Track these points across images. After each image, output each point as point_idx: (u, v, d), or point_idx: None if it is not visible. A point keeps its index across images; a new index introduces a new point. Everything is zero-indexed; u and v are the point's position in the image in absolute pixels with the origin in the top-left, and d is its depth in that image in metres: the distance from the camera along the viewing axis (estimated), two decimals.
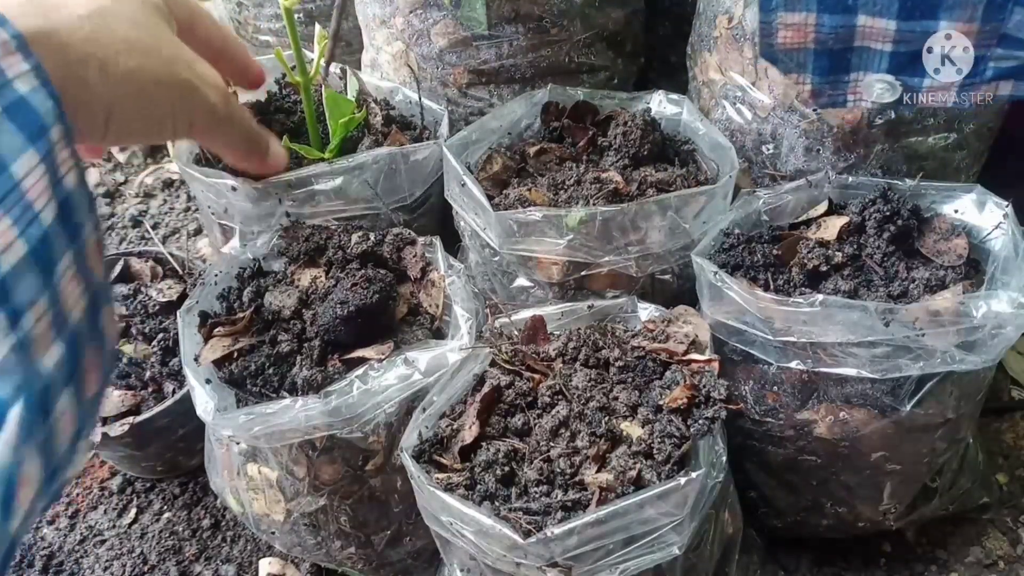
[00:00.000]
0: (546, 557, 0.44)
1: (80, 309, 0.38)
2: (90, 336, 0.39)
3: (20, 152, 0.34)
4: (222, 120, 0.54)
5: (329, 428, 0.54)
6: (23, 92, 0.35)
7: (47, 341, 0.35)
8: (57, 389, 0.35)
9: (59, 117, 0.37)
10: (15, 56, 0.36)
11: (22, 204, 0.34)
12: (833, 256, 0.57)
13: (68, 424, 0.36)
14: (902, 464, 0.59)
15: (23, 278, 0.33)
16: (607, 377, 0.54)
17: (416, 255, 0.62)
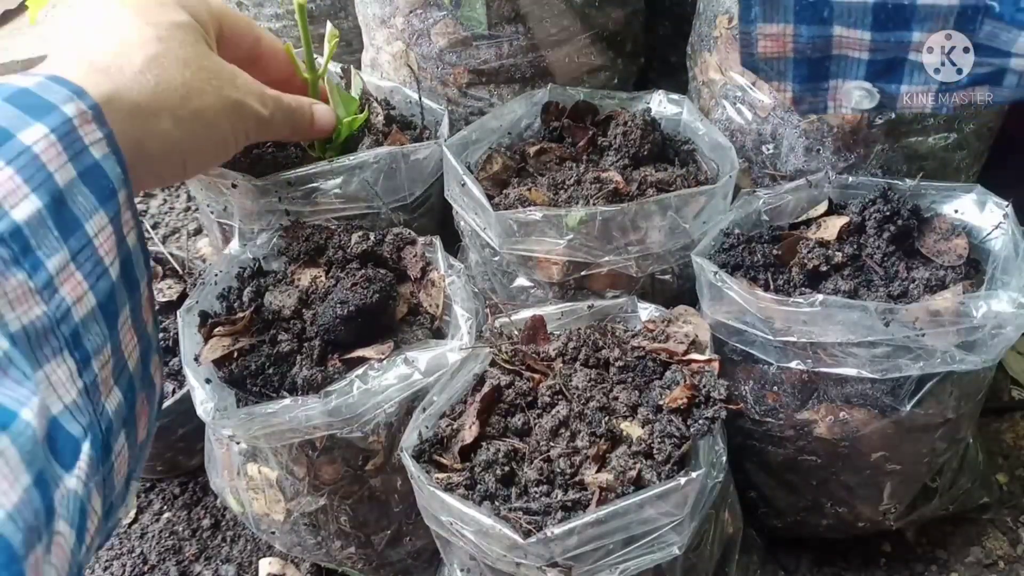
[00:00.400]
0: (546, 557, 0.44)
1: (135, 358, 0.41)
2: (142, 383, 0.42)
3: (93, 213, 0.37)
4: (269, 122, 0.56)
5: (329, 428, 0.54)
6: (97, 158, 0.38)
7: (109, 386, 0.38)
8: (117, 431, 0.38)
9: (124, 182, 0.40)
10: (91, 125, 0.39)
11: (93, 260, 0.37)
12: (833, 256, 0.57)
13: (123, 464, 0.39)
14: (902, 464, 0.59)
15: (92, 327, 0.36)
16: (607, 377, 0.54)
17: (416, 255, 0.62)
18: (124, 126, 0.42)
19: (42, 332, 0.33)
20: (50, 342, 0.34)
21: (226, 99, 0.52)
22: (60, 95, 0.38)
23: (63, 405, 0.33)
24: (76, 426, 0.34)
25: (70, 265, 0.35)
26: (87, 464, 0.33)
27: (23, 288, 0.33)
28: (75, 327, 0.35)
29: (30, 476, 0.29)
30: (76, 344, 0.35)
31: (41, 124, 0.36)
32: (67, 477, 0.32)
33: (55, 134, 0.36)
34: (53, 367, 0.33)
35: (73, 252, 0.35)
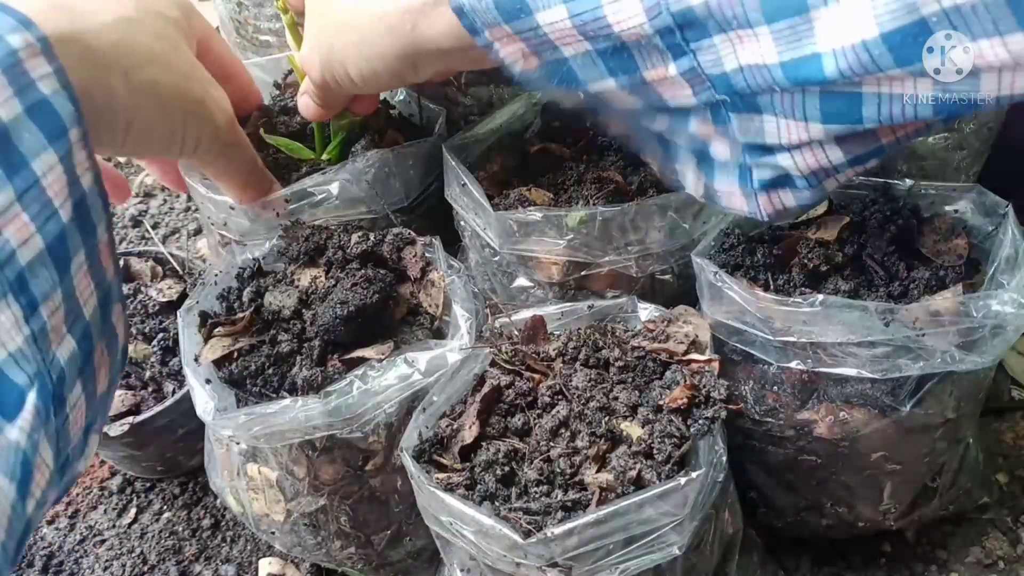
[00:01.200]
0: (546, 557, 0.44)
1: (92, 306, 0.39)
2: (101, 333, 0.40)
3: (41, 151, 0.35)
4: (226, 145, 0.55)
5: (329, 428, 0.54)
6: (46, 93, 0.36)
7: (60, 334, 0.36)
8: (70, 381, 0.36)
9: (78, 120, 0.38)
10: (39, 58, 0.36)
11: (41, 201, 0.35)
12: (833, 256, 0.57)
13: (79, 416, 0.37)
14: (902, 464, 0.59)
15: (39, 272, 0.34)
16: (607, 377, 0.54)
17: (416, 255, 0.62)
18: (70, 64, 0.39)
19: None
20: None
21: (190, 91, 0.50)
22: (5, 25, 0.35)
23: (7, 352, 0.32)
24: (21, 375, 0.32)
25: (15, 205, 0.33)
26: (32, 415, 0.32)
27: None
28: (20, 271, 0.33)
29: None
30: (22, 289, 0.33)
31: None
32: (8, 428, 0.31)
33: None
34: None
35: (19, 192, 0.33)
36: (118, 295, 0.43)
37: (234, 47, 1.02)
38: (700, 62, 0.38)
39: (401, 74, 0.51)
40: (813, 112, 0.38)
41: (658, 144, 0.48)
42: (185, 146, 0.52)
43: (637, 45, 0.39)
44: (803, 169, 0.42)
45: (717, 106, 0.41)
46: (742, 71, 0.38)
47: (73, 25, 0.42)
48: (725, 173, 0.45)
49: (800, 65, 0.36)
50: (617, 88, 0.42)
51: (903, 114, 0.36)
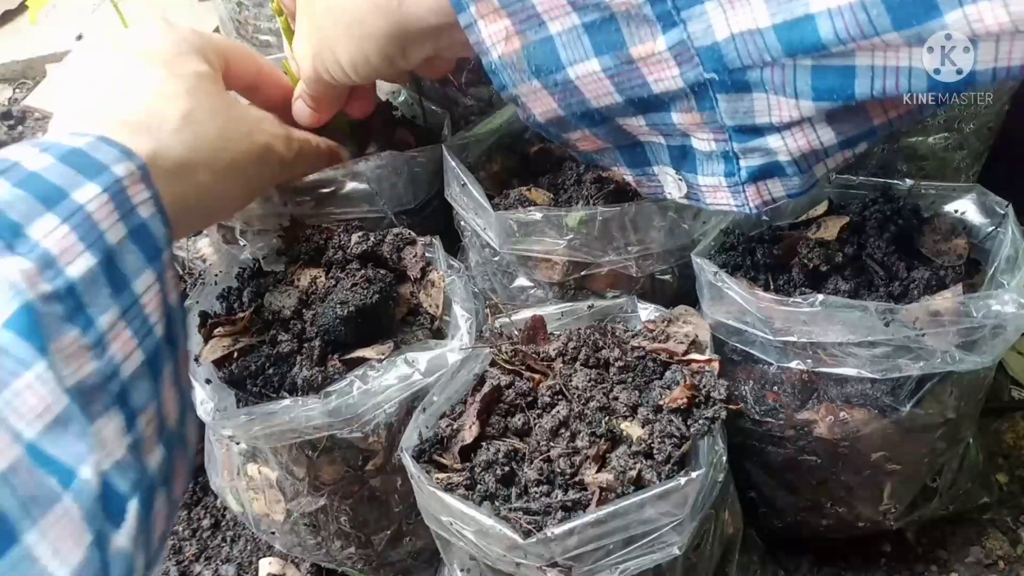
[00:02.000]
0: (546, 557, 0.44)
1: (174, 416, 0.41)
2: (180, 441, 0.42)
3: (141, 271, 0.37)
4: (292, 163, 0.57)
5: (329, 428, 0.54)
6: (144, 217, 0.39)
7: (152, 443, 0.37)
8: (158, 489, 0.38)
9: (169, 242, 0.41)
10: (140, 185, 0.39)
11: (141, 317, 0.37)
12: (833, 256, 0.57)
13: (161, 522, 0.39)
14: (902, 464, 0.59)
15: (139, 385, 0.36)
16: (607, 377, 0.54)
17: (416, 255, 0.62)
18: (166, 184, 0.42)
19: (94, 388, 0.33)
20: (101, 398, 0.34)
21: (255, 144, 0.52)
22: (110, 155, 0.39)
23: (113, 461, 0.33)
24: (124, 483, 0.34)
25: (120, 322, 0.36)
26: (135, 522, 0.33)
27: (77, 344, 0.33)
28: (124, 384, 0.35)
29: (91, 534, 0.29)
30: (124, 401, 0.35)
31: (94, 183, 0.37)
32: (116, 535, 0.32)
33: (107, 193, 0.37)
34: (103, 423, 0.33)
35: (123, 309, 0.36)
36: (191, 404, 0.45)
37: None
38: (690, 33, 0.38)
39: (391, 57, 0.50)
40: (804, 88, 0.37)
41: (631, 152, 0.48)
42: (263, 186, 0.56)
43: (626, 16, 0.39)
44: (793, 151, 0.41)
45: (704, 87, 0.40)
46: (733, 40, 0.37)
47: (156, 144, 0.45)
48: (709, 166, 0.45)
49: (794, 28, 0.35)
50: (600, 70, 0.41)
51: (897, 88, 0.35)
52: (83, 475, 0.30)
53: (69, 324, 0.33)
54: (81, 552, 0.28)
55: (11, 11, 1.55)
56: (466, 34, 0.44)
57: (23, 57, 1.43)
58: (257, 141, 0.53)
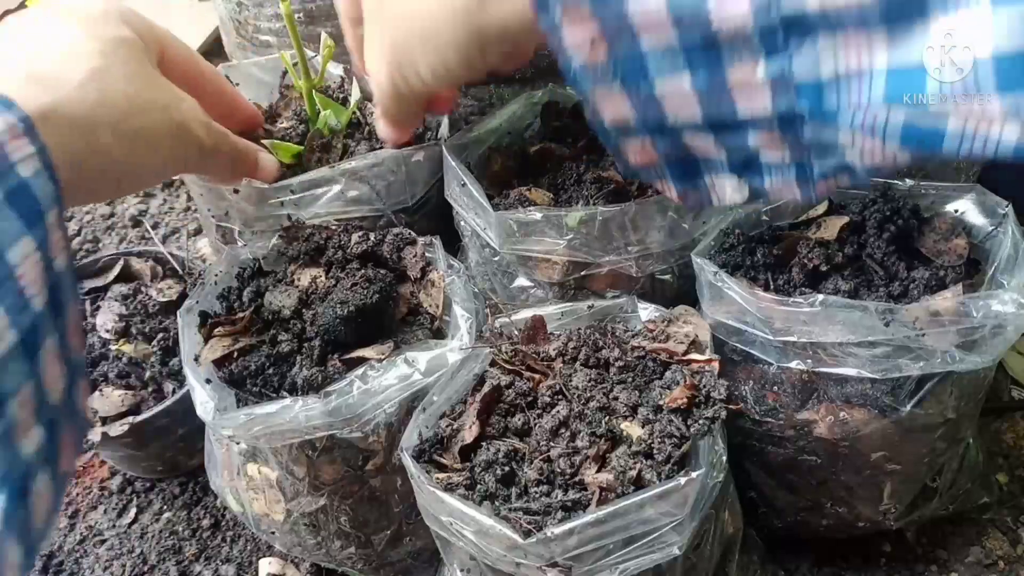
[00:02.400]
0: (546, 557, 0.44)
1: (60, 389, 0.37)
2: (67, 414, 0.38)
3: (18, 239, 0.34)
4: (209, 153, 0.54)
5: (329, 428, 0.54)
6: (26, 176, 0.35)
7: (28, 426, 0.34)
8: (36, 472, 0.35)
9: (56, 199, 0.37)
10: (22, 139, 0.36)
11: (15, 291, 0.34)
12: (833, 256, 0.57)
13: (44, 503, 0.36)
14: (902, 464, 0.59)
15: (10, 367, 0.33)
16: (607, 377, 0.54)
17: (416, 255, 0.62)
18: (61, 140, 0.40)
19: None
20: None
21: (170, 120, 0.50)
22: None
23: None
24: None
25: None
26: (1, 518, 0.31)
27: None
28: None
29: None
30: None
31: None
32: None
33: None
34: None
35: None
36: (82, 370, 0.41)
37: (234, 47, 1.02)
38: (793, 67, 0.38)
39: (472, 62, 0.48)
40: (893, 134, 0.38)
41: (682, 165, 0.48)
42: (176, 168, 0.53)
43: (731, 42, 0.38)
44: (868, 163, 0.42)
45: (792, 117, 0.40)
46: (836, 80, 0.37)
47: (53, 97, 0.41)
48: (778, 172, 0.45)
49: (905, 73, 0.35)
50: (691, 89, 0.41)
51: (984, 152, 0.36)
52: None
53: None
54: None
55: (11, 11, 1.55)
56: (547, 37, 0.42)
57: None
58: (173, 118, 0.50)
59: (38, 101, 0.40)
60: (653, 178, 0.51)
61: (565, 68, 0.43)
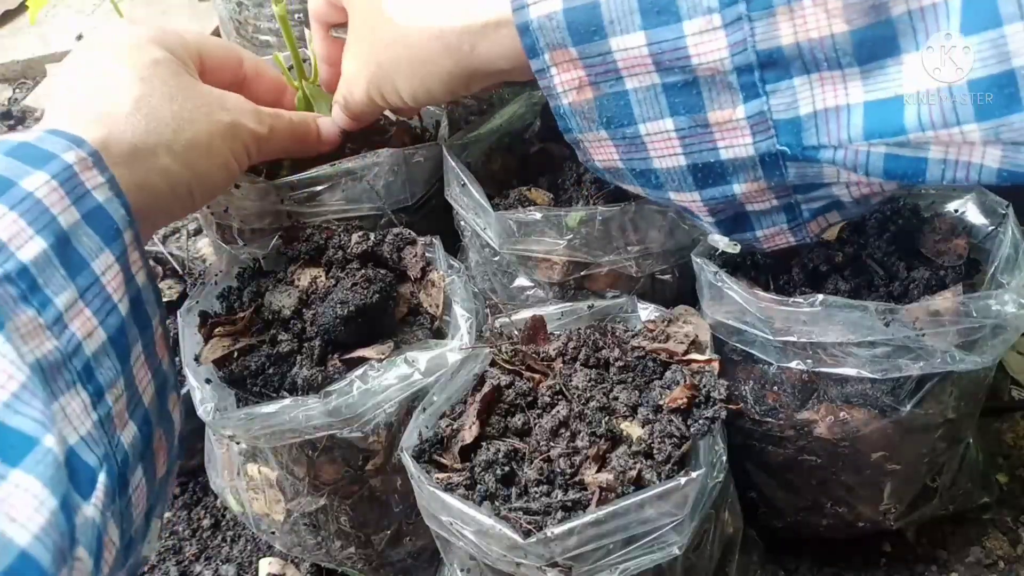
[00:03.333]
0: (546, 557, 0.44)
1: (150, 393, 0.42)
2: (159, 419, 0.43)
3: (99, 252, 0.39)
4: (268, 139, 0.57)
5: (329, 428, 0.54)
6: (100, 201, 0.40)
7: (124, 419, 0.39)
8: (133, 464, 0.39)
9: (130, 223, 0.42)
10: (92, 171, 0.41)
11: (102, 296, 0.38)
12: (833, 256, 0.57)
13: (142, 498, 0.40)
14: (902, 464, 0.59)
15: (104, 362, 0.37)
16: (607, 377, 0.54)
17: (416, 255, 0.62)
18: (123, 169, 0.43)
19: (55, 365, 0.34)
20: (63, 375, 0.35)
21: (218, 123, 0.52)
22: (59, 145, 0.40)
23: (79, 436, 0.34)
24: (92, 456, 0.34)
25: (79, 302, 0.37)
26: (103, 493, 0.34)
27: (34, 323, 0.34)
28: (87, 361, 0.36)
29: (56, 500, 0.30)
30: (89, 377, 0.36)
31: (42, 172, 0.38)
32: (85, 505, 0.33)
33: (56, 179, 0.38)
34: (67, 399, 0.34)
35: (81, 289, 0.37)
36: (174, 384, 0.45)
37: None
38: (771, 106, 0.38)
39: (455, 92, 0.51)
40: (876, 169, 0.38)
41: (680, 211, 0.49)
42: (240, 163, 0.55)
43: (709, 82, 0.39)
44: (856, 196, 0.42)
45: (775, 157, 0.40)
46: (815, 116, 0.38)
47: (108, 130, 0.45)
48: (768, 219, 0.45)
49: (882, 108, 0.36)
50: (673, 130, 0.41)
51: (967, 179, 0.36)
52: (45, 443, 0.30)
53: (24, 304, 0.34)
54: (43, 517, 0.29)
55: (11, 11, 1.55)
56: (537, 79, 0.43)
57: (23, 57, 1.43)
58: (220, 119, 0.52)
59: (97, 136, 0.44)
60: None
61: (555, 109, 0.44)
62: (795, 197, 0.43)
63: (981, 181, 0.36)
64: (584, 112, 0.43)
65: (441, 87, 0.50)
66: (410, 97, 0.53)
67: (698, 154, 0.42)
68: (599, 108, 0.43)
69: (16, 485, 0.28)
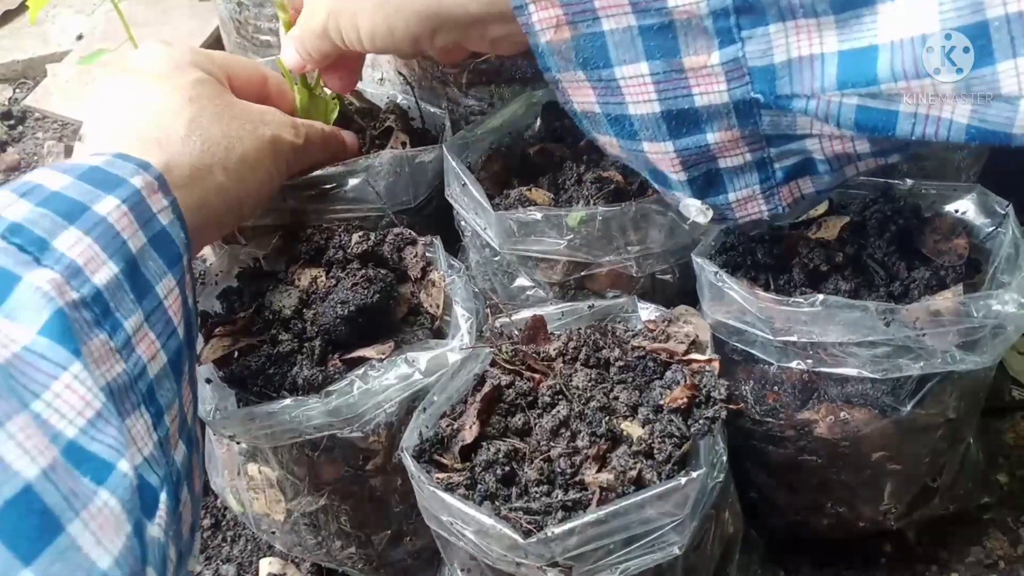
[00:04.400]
0: (546, 557, 0.44)
1: (191, 414, 0.43)
2: (195, 436, 0.44)
3: (163, 276, 0.40)
4: (304, 149, 0.59)
5: (329, 428, 0.54)
6: (164, 224, 0.41)
7: (176, 439, 0.40)
8: (183, 482, 0.40)
9: (188, 246, 0.43)
10: (158, 194, 0.42)
11: (164, 320, 0.39)
12: (834, 256, 0.57)
13: (188, 514, 0.41)
14: (903, 464, 0.59)
15: (164, 384, 0.39)
16: (607, 377, 0.54)
17: (416, 255, 0.62)
18: (184, 191, 0.45)
19: (124, 388, 0.35)
20: (130, 398, 0.36)
21: (262, 137, 0.54)
22: (127, 169, 0.41)
23: (143, 457, 0.35)
24: (154, 476, 0.36)
25: (144, 326, 0.38)
26: (166, 513, 0.35)
27: (106, 347, 0.35)
28: (150, 383, 0.37)
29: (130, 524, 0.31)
30: (151, 400, 0.37)
31: (113, 196, 0.39)
32: (150, 525, 0.34)
33: (126, 204, 0.39)
34: (133, 421, 0.36)
35: (147, 313, 0.38)
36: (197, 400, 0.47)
37: (234, 47, 1.02)
38: (746, 52, 0.38)
39: (417, 38, 0.49)
40: (847, 121, 0.38)
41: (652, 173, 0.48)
42: (281, 175, 0.57)
43: (686, 25, 0.39)
44: (828, 154, 0.42)
45: (749, 105, 0.40)
46: (789, 65, 0.38)
47: (168, 154, 0.47)
48: (741, 179, 0.45)
49: (856, 58, 0.36)
50: (648, 74, 0.41)
51: (936, 135, 0.36)
52: (121, 468, 0.32)
53: (98, 328, 0.35)
54: (122, 540, 0.30)
55: (11, 11, 1.55)
56: (515, 14, 0.42)
57: (23, 57, 1.43)
58: (264, 134, 0.54)
59: (159, 160, 0.45)
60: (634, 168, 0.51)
61: (534, 47, 0.44)
62: (768, 151, 0.43)
63: (950, 138, 0.36)
64: (561, 52, 0.43)
65: (404, 29, 0.49)
66: (368, 36, 0.51)
67: (672, 100, 0.41)
68: (576, 48, 0.42)
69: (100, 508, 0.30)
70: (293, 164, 0.58)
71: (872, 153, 0.41)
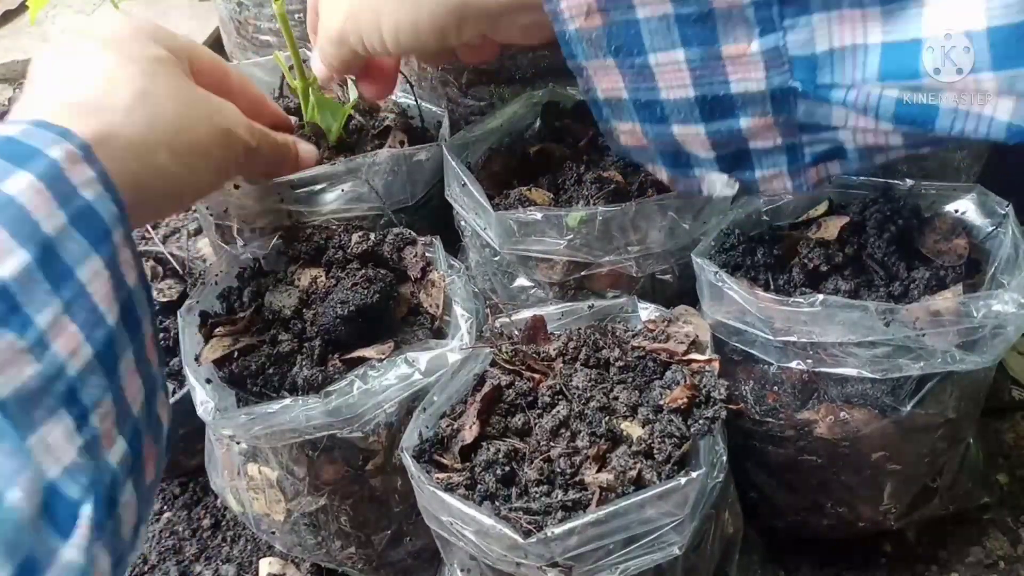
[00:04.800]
0: (546, 557, 0.44)
1: (139, 402, 0.39)
2: (148, 426, 0.40)
3: (86, 258, 0.36)
4: (255, 153, 0.56)
5: (329, 428, 0.54)
6: (89, 199, 0.37)
7: (112, 437, 0.36)
8: (122, 482, 0.36)
9: (121, 220, 0.39)
10: (81, 165, 0.38)
11: (88, 308, 0.35)
12: (834, 256, 0.57)
13: (131, 514, 0.38)
14: (903, 464, 0.59)
15: (89, 380, 0.35)
16: (607, 377, 0.54)
17: (416, 255, 0.62)
18: (120, 164, 0.41)
19: (35, 393, 0.32)
20: (44, 402, 0.32)
21: (216, 127, 0.50)
22: (44, 139, 0.37)
23: (61, 468, 0.32)
24: (75, 488, 0.32)
25: (63, 318, 0.34)
26: (87, 528, 0.32)
27: (13, 349, 0.31)
28: (70, 383, 0.34)
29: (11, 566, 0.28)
30: (72, 400, 0.34)
31: (25, 171, 0.34)
32: (64, 549, 0.31)
33: (42, 180, 0.35)
34: (49, 428, 0.32)
35: (66, 303, 0.34)
36: (162, 383, 0.43)
37: (234, 47, 1.02)
38: (787, 41, 0.38)
39: (444, 32, 0.47)
40: (887, 112, 0.38)
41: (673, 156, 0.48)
42: (228, 173, 0.55)
43: (725, 15, 0.38)
44: (859, 144, 0.42)
45: (786, 93, 0.40)
46: (831, 55, 0.37)
47: (106, 124, 0.42)
48: (769, 160, 0.45)
49: (899, 50, 0.35)
50: (684, 60, 0.40)
51: (976, 132, 0.36)
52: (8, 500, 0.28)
53: (2, 328, 0.31)
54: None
55: (11, 11, 1.55)
56: (543, 4, 0.41)
57: (23, 57, 1.43)
58: (219, 125, 0.51)
59: (91, 128, 0.41)
60: (644, 160, 0.50)
61: (560, 34, 0.43)
62: (800, 137, 0.43)
63: (990, 135, 0.36)
64: (591, 38, 0.42)
65: (430, 22, 0.47)
66: (392, 35, 0.49)
67: (708, 86, 0.41)
68: (608, 35, 0.41)
69: None
70: (243, 165, 0.55)
71: (905, 146, 0.41)
